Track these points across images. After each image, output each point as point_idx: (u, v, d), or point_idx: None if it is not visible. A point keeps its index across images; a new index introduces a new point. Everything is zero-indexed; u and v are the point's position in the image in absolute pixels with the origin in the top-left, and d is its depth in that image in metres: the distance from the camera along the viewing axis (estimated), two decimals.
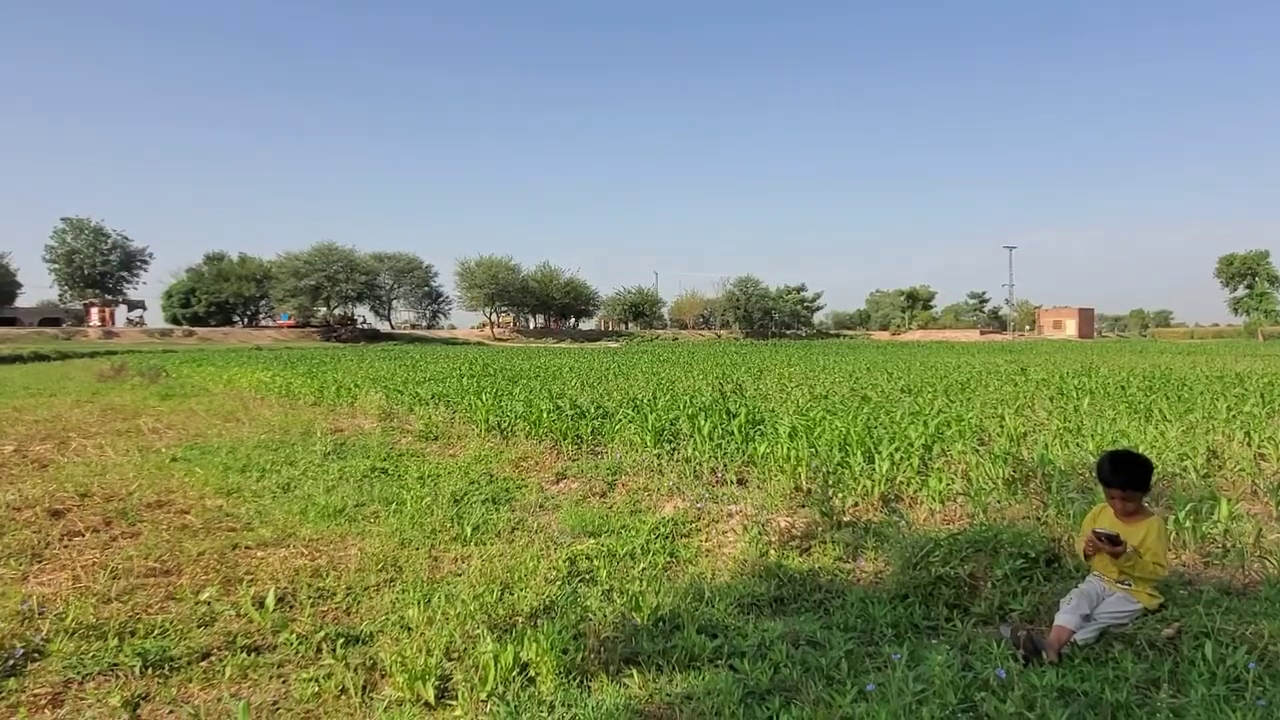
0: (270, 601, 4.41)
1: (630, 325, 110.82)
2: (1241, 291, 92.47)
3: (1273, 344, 70.07)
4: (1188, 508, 5.28)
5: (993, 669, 3.37)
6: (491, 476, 8.21)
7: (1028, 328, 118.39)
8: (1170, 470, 7.25)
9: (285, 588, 4.81)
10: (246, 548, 5.73)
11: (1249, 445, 8.40)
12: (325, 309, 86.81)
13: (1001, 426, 9.22)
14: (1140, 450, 7.58)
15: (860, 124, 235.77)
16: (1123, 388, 14.86)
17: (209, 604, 4.54)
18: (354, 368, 23.46)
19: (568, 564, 5.20)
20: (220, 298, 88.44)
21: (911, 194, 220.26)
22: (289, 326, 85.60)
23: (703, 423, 8.61)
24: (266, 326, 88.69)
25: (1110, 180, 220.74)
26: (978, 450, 7.55)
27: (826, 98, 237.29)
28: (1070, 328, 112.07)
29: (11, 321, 74.58)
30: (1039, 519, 5.81)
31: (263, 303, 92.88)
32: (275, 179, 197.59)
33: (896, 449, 7.23)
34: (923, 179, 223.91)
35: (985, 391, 14.86)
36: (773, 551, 5.48)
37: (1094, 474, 4.46)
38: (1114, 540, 3.84)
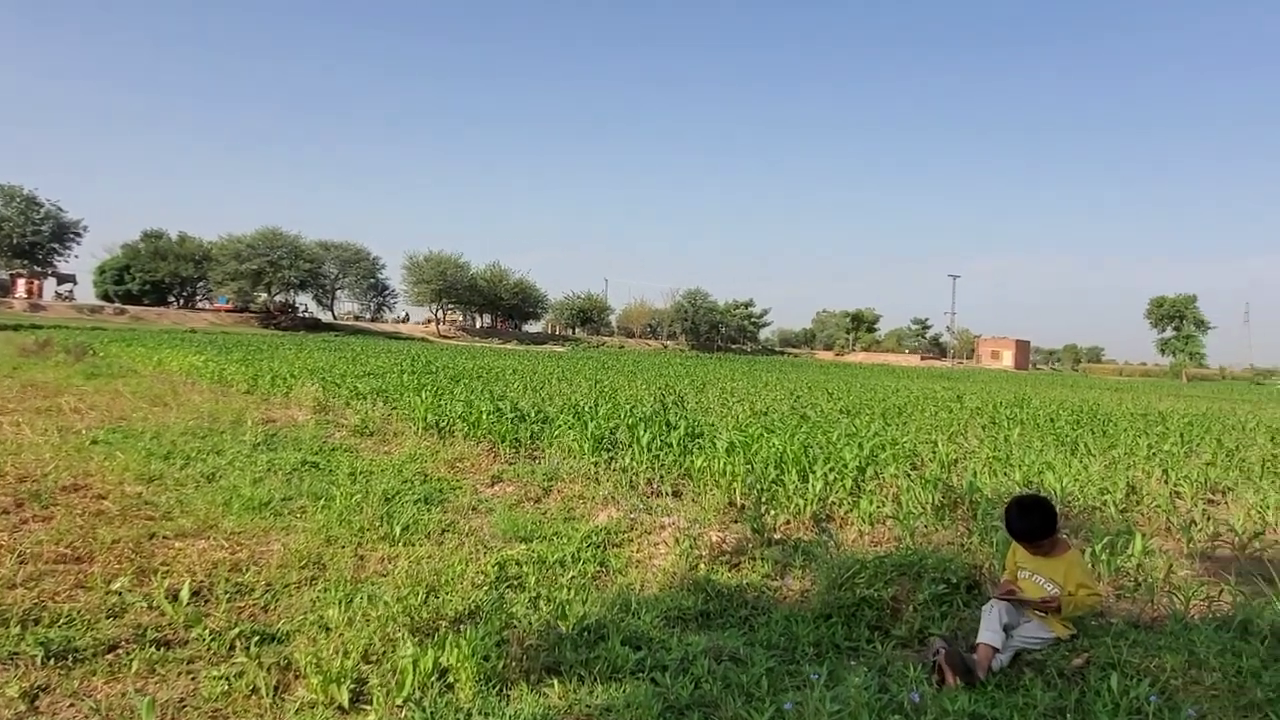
0: (184, 595, 4.28)
1: (577, 330, 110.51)
2: (1169, 333, 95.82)
3: (1196, 385, 73.01)
4: (1104, 541, 5.44)
5: (908, 692, 3.42)
6: (426, 476, 8.09)
7: (967, 356, 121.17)
8: (1090, 503, 7.48)
9: (202, 581, 4.67)
10: (164, 538, 5.55)
11: (1166, 483, 8.71)
12: (266, 295, 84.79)
13: (934, 452, 9.41)
14: (1064, 481, 7.84)
15: (818, 146, 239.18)
16: (1052, 420, 15.31)
17: (120, 594, 4.38)
18: (291, 357, 22.96)
19: (497, 569, 5.14)
20: (156, 276, 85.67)
21: (861, 216, 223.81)
22: (226, 310, 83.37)
23: (642, 433, 8.61)
24: (203, 309, 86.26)
25: (1050, 217, 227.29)
26: (910, 475, 7.69)
27: (784, 118, 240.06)
28: (1007, 358, 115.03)
29: None
30: (963, 545, 5.93)
31: (200, 284, 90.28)
32: (220, 157, 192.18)
33: (831, 469, 7.34)
34: (873, 203, 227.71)
35: (921, 417, 15.17)
36: (703, 565, 5.50)
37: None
38: (1047, 601, 4.04)
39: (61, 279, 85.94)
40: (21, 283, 76.18)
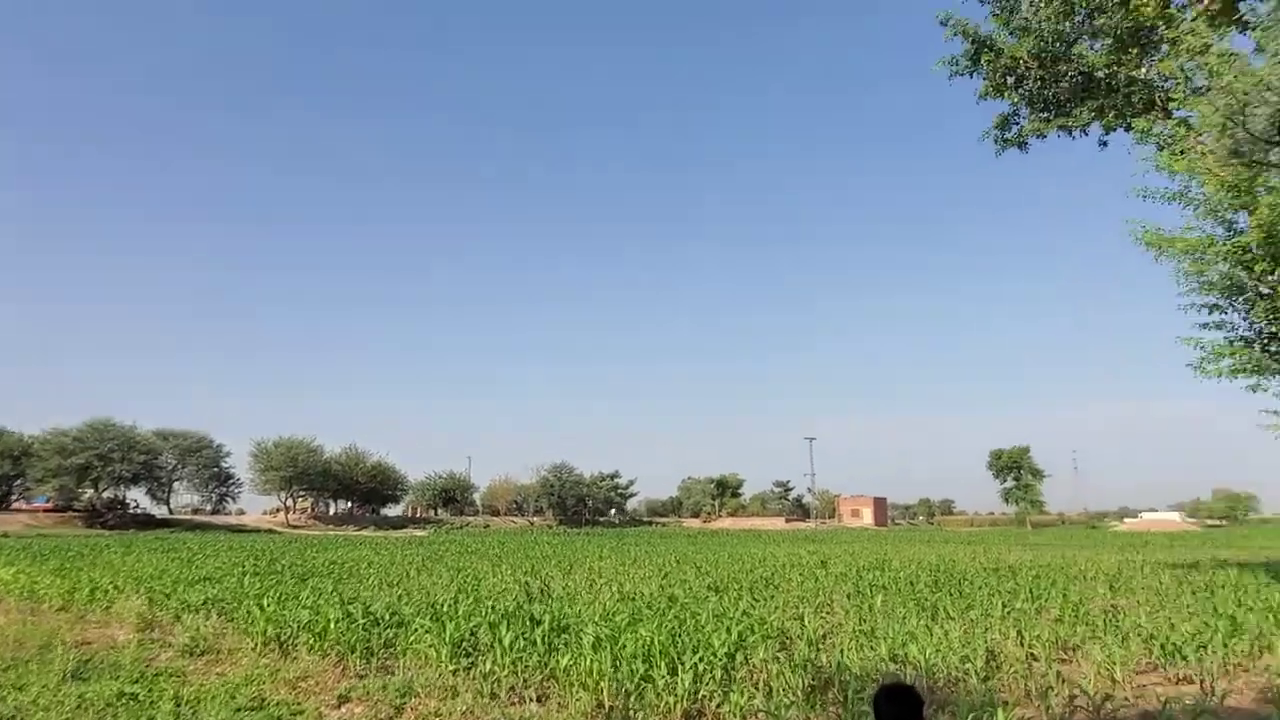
0: None
1: (440, 511, 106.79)
2: (1010, 483, 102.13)
3: (1040, 532, 77.58)
4: (970, 717, 5.47)
5: None
6: (263, 701, 7.32)
7: (829, 515, 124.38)
8: (954, 673, 7.57)
9: None
10: None
11: (1022, 644, 8.97)
12: (93, 491, 78.12)
13: (802, 628, 9.39)
14: (927, 653, 7.91)
15: (669, 320, 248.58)
16: (912, 584, 15.69)
17: None
18: (117, 562, 20.91)
19: None
20: None
21: (719, 384, 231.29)
22: (45, 510, 76.02)
23: (504, 632, 8.18)
24: (19, 509, 78.32)
25: (895, 375, 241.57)
26: (779, 659, 7.59)
27: (632, 298, 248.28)
28: (867, 516, 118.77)
29: None
30: None
31: (17, 482, 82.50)
32: (45, 347, 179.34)
33: (700, 659, 7.15)
34: (730, 370, 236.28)
35: (788, 587, 15.24)
36: None
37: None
38: None
39: None
40: None
